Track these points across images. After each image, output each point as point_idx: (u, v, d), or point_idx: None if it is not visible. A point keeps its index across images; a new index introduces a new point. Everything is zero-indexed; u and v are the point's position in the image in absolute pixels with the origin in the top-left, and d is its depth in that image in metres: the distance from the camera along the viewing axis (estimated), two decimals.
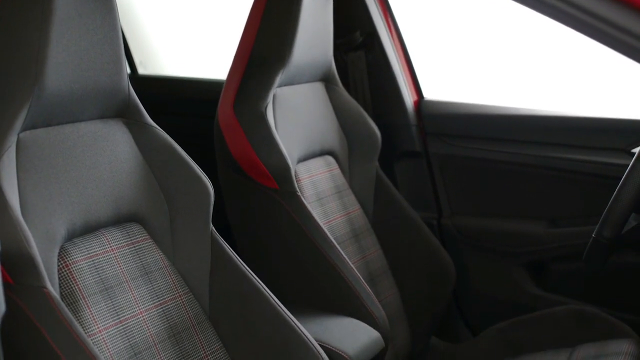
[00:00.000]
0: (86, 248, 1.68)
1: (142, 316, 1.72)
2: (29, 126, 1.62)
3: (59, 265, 1.62)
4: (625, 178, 1.93)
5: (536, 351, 2.45)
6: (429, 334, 2.71)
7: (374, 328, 2.18)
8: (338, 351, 2.00)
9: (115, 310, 1.68)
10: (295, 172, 2.40)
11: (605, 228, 1.93)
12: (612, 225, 1.92)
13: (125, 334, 1.67)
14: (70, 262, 1.63)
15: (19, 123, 1.58)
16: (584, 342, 2.39)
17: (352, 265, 2.27)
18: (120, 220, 1.78)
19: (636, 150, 1.99)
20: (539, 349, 2.45)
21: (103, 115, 1.80)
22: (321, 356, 1.85)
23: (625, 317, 2.47)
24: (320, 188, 2.49)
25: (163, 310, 1.77)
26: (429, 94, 2.95)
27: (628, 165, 1.95)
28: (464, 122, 2.81)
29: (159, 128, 1.88)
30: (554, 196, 2.68)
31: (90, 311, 1.62)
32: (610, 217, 1.92)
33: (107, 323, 1.65)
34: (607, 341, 2.34)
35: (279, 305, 1.87)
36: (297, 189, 2.28)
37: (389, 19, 2.91)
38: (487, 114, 2.79)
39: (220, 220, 2.09)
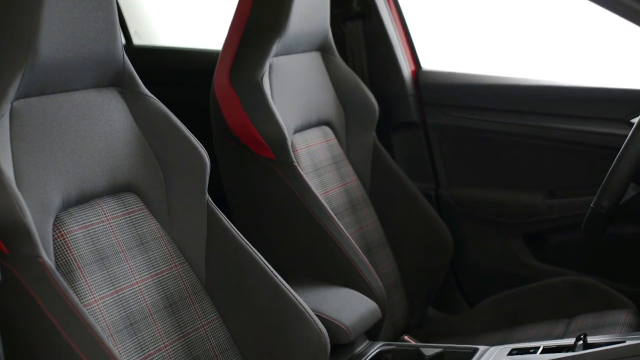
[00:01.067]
0: (81, 218, 1.66)
1: (138, 286, 1.71)
2: (22, 95, 1.60)
3: (54, 235, 1.60)
4: (624, 148, 1.92)
5: (534, 322, 2.45)
6: (426, 305, 2.71)
7: (371, 299, 2.17)
8: (335, 321, 2.00)
9: (111, 280, 1.66)
10: (292, 142, 2.38)
11: (604, 198, 1.92)
12: (611, 195, 1.91)
13: (121, 303, 1.66)
14: (65, 231, 1.62)
15: (12, 91, 1.56)
16: (582, 313, 2.39)
17: (349, 236, 2.26)
18: (115, 190, 1.77)
19: (635, 120, 1.97)
20: (537, 320, 2.45)
21: (98, 85, 1.77)
22: (318, 326, 1.85)
23: (623, 288, 2.47)
24: (317, 159, 2.48)
25: (159, 280, 1.76)
26: (427, 64, 2.92)
27: (627, 135, 1.94)
28: (462, 92, 2.80)
29: (154, 97, 1.86)
30: (553, 167, 2.68)
31: (86, 281, 1.61)
32: (609, 187, 1.91)
33: (103, 293, 1.63)
34: (605, 312, 2.34)
35: (275, 276, 1.87)
36: (294, 159, 2.27)
37: None
38: (485, 84, 2.78)
39: (216, 191, 2.07)
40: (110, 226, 1.72)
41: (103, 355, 1.41)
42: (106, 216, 1.72)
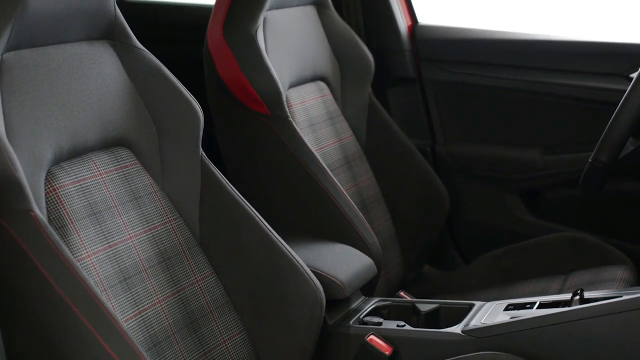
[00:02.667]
0: (74, 172, 1.65)
1: (132, 241, 1.70)
2: (12, 46, 1.57)
3: (46, 190, 1.59)
4: (623, 101, 1.90)
5: (530, 278, 2.45)
6: (422, 262, 2.71)
7: (367, 255, 2.16)
8: (330, 277, 1.99)
9: (104, 235, 1.65)
10: (287, 97, 2.36)
11: (602, 152, 1.90)
12: (609, 150, 1.90)
13: (115, 258, 1.65)
14: (57, 186, 1.60)
15: (2, 43, 1.53)
16: (579, 269, 2.39)
17: (345, 192, 2.25)
18: (108, 144, 1.75)
19: (634, 75, 1.95)
20: (533, 276, 2.45)
21: (89, 37, 1.75)
22: (313, 282, 1.84)
23: (621, 244, 2.47)
24: (312, 114, 2.46)
25: (153, 236, 1.74)
26: (424, 18, 2.89)
27: (626, 90, 1.92)
28: (459, 47, 2.77)
29: (147, 51, 1.84)
30: (550, 122, 2.66)
31: (79, 236, 1.60)
32: (608, 141, 1.90)
33: (96, 248, 1.62)
34: (602, 268, 2.34)
35: (270, 231, 1.85)
36: (289, 115, 2.24)
37: None
38: (482, 39, 2.75)
39: (211, 148, 2.05)
40: (103, 181, 1.70)
41: (96, 309, 1.40)
42: (99, 171, 1.70)
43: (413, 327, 1.92)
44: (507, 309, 1.89)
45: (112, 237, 1.66)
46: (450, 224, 2.84)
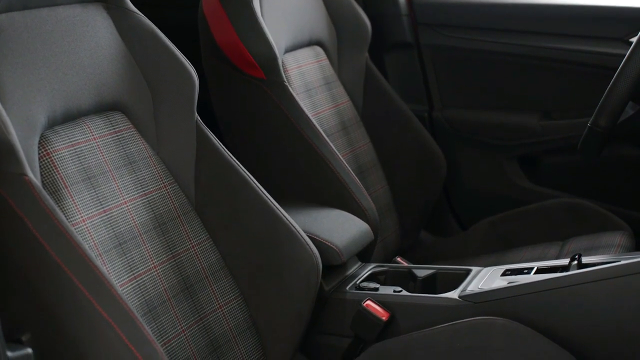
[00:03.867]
0: (67, 136, 1.63)
1: (127, 206, 1.68)
2: (4, 8, 1.55)
3: (39, 154, 1.57)
4: (623, 65, 1.89)
5: (527, 244, 2.44)
6: (419, 228, 2.70)
7: (363, 220, 2.15)
8: (327, 243, 1.98)
9: (99, 199, 1.64)
10: (283, 62, 2.34)
11: (602, 117, 1.89)
12: (609, 114, 1.89)
13: (110, 223, 1.63)
14: (51, 150, 1.58)
15: None
16: (576, 235, 2.38)
17: (341, 158, 2.23)
18: (102, 108, 1.73)
19: (634, 39, 1.93)
20: (530, 243, 2.44)
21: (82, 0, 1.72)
22: (309, 247, 1.83)
23: (618, 210, 2.46)
24: (309, 79, 2.43)
25: (148, 201, 1.73)
26: None
27: (625, 54, 1.90)
28: (456, 11, 2.75)
29: (142, 14, 1.82)
30: (549, 88, 2.65)
31: (73, 200, 1.58)
32: (607, 106, 1.89)
33: (91, 212, 1.61)
34: (600, 234, 2.33)
35: (266, 197, 1.84)
36: (285, 79, 2.22)
37: None
38: (480, 3, 2.73)
39: (206, 113, 2.04)
40: (97, 145, 1.68)
41: (91, 274, 1.39)
42: (93, 135, 1.68)
43: (410, 292, 1.92)
44: (504, 274, 1.89)
45: (106, 202, 1.65)
46: (447, 190, 2.83)
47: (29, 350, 1.26)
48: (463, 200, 2.85)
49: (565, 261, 1.86)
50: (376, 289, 1.94)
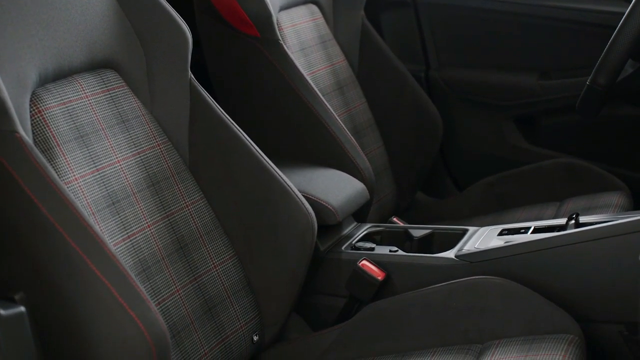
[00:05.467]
0: (59, 94, 1.61)
1: (120, 165, 1.66)
2: None
3: (31, 112, 1.55)
4: (622, 23, 1.87)
5: (524, 205, 2.44)
6: (415, 189, 2.69)
7: (359, 180, 2.14)
8: (322, 202, 1.97)
9: (92, 158, 1.62)
10: (277, 20, 2.31)
11: (601, 75, 1.88)
12: (608, 72, 1.87)
13: (102, 182, 1.61)
14: (42, 108, 1.56)
15: None
16: (574, 196, 2.37)
17: (337, 118, 2.21)
18: (94, 66, 1.70)
19: None
20: (527, 203, 2.44)
21: None
22: (305, 207, 1.82)
23: (616, 170, 2.45)
24: (304, 37, 2.41)
25: (141, 159, 1.71)
26: None
27: (625, 12, 1.88)
28: None
29: None
30: (547, 47, 2.62)
31: (66, 158, 1.56)
32: (606, 63, 1.87)
33: (84, 171, 1.59)
34: (598, 194, 2.32)
35: (261, 156, 1.83)
36: (279, 38, 2.19)
37: None
38: None
39: (200, 74, 2.01)
40: (90, 103, 1.66)
41: (84, 232, 1.37)
42: (85, 93, 1.66)
43: (406, 252, 1.91)
44: (501, 234, 1.88)
45: (99, 161, 1.63)
46: (443, 150, 2.82)
47: (22, 308, 1.26)
48: (460, 161, 2.84)
49: (562, 221, 1.85)
50: (372, 249, 1.93)
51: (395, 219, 2.22)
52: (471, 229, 1.95)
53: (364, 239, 2.02)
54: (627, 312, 1.59)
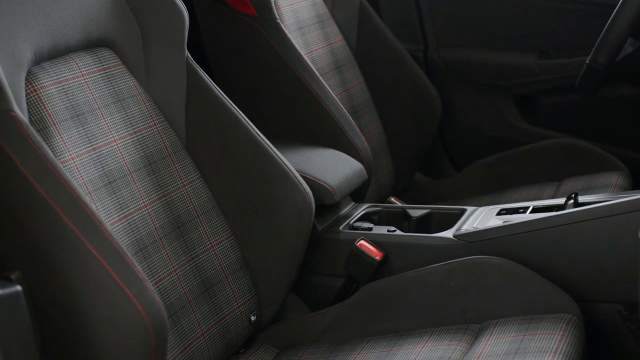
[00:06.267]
0: (55, 73, 1.59)
1: (116, 144, 1.65)
2: None
3: (26, 90, 1.54)
4: (622, 1, 1.85)
5: (523, 185, 2.43)
6: (413, 170, 2.68)
7: (357, 160, 2.13)
8: (320, 182, 1.96)
9: (88, 137, 1.60)
10: None
11: (600, 53, 1.86)
12: (608, 51, 1.86)
13: (99, 161, 1.60)
14: (38, 87, 1.55)
15: None
16: (573, 176, 2.37)
17: (335, 97, 2.20)
18: (90, 44, 1.69)
19: None
20: (526, 183, 2.43)
21: None
22: (302, 187, 1.81)
23: (616, 151, 2.44)
24: (301, 17, 2.39)
25: (137, 139, 1.70)
26: None
27: None
28: None
29: None
30: (546, 26, 2.61)
31: (62, 138, 1.55)
32: (606, 42, 1.86)
33: (80, 150, 1.58)
34: (596, 174, 2.32)
35: (258, 135, 1.82)
36: (277, 16, 2.18)
37: None
38: None
39: (198, 54, 2.00)
40: (86, 82, 1.65)
41: (81, 211, 1.36)
42: (81, 71, 1.64)
43: (404, 232, 1.90)
44: (499, 213, 1.88)
45: (95, 140, 1.62)
46: (441, 131, 2.81)
47: (18, 287, 1.25)
48: (458, 141, 2.83)
49: (561, 200, 1.84)
50: (370, 229, 1.93)
51: (393, 199, 2.21)
52: (469, 208, 1.95)
53: (362, 218, 2.01)
54: (625, 291, 1.58)
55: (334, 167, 2.05)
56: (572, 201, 1.79)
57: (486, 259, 1.67)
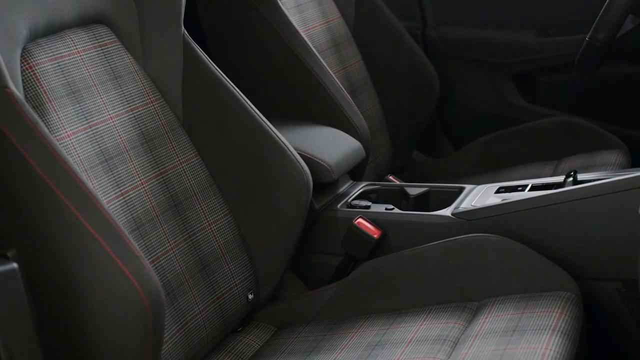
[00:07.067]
0: (50, 49, 1.58)
1: (113, 121, 1.64)
2: None
3: (22, 67, 1.52)
4: None
5: (522, 164, 2.42)
6: (411, 148, 2.67)
7: (355, 138, 2.12)
8: (317, 160, 1.95)
9: (84, 114, 1.59)
10: None
11: (600, 30, 1.85)
12: (608, 27, 1.85)
13: (95, 139, 1.59)
14: (34, 63, 1.54)
15: None
16: (572, 154, 2.36)
17: (333, 75, 2.19)
18: (85, 21, 1.68)
19: None
20: (525, 162, 2.42)
21: None
22: (300, 165, 1.80)
23: (615, 129, 2.43)
24: None
25: (134, 116, 1.69)
26: None
27: None
28: None
29: None
30: (546, 3, 2.59)
31: (57, 115, 1.54)
32: (606, 19, 1.85)
33: (76, 128, 1.57)
34: (595, 152, 2.31)
35: (256, 113, 1.80)
36: None
37: None
38: None
39: (194, 31, 1.99)
40: (82, 59, 1.63)
41: (76, 188, 1.35)
42: (76, 48, 1.63)
43: (402, 210, 1.89)
44: (498, 191, 1.87)
45: (92, 117, 1.61)
46: (440, 109, 2.80)
47: (14, 265, 1.24)
48: (456, 120, 2.82)
49: (560, 178, 1.83)
50: (368, 207, 1.92)
51: (391, 178, 2.20)
52: (468, 186, 1.94)
53: (360, 197, 2.00)
54: (624, 269, 1.58)
55: (332, 145, 2.04)
56: (571, 179, 1.78)
57: (484, 237, 1.66)
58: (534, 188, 1.83)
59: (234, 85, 1.81)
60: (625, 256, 1.55)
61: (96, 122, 1.61)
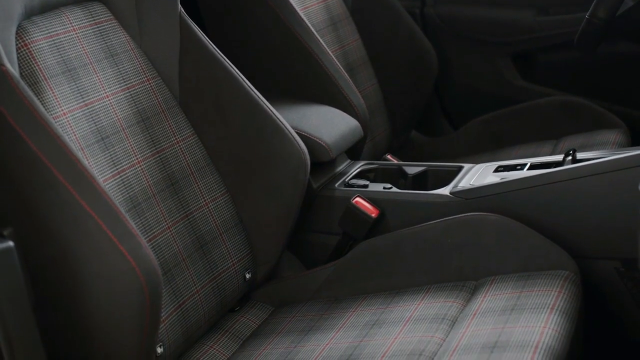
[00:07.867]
0: (46, 27, 1.57)
1: (109, 100, 1.63)
2: None
3: (17, 45, 1.51)
4: None
5: (520, 143, 2.41)
6: (409, 128, 2.66)
7: (353, 117, 2.11)
8: (315, 139, 1.94)
9: (80, 92, 1.58)
10: None
11: (600, 8, 1.84)
12: (608, 5, 1.84)
13: (91, 117, 1.58)
14: (29, 41, 1.52)
15: None
16: (571, 134, 2.35)
17: (330, 54, 2.17)
18: None
19: None
20: (524, 141, 2.41)
21: None
22: (297, 143, 1.79)
23: (614, 108, 2.42)
24: None
25: (130, 95, 1.68)
26: None
27: None
28: None
29: None
30: None
31: (53, 93, 1.53)
32: None
33: (72, 106, 1.55)
34: (595, 132, 2.30)
35: (253, 92, 1.79)
36: None
37: None
38: None
39: (191, 8, 1.97)
40: (77, 36, 1.62)
41: (72, 166, 1.34)
42: (72, 26, 1.62)
43: (400, 189, 1.89)
44: (496, 170, 1.86)
45: (88, 95, 1.59)
46: (438, 88, 2.78)
47: (10, 243, 1.23)
48: (455, 99, 2.80)
49: (559, 157, 1.83)
50: (366, 186, 1.91)
51: (389, 157, 2.19)
52: (466, 166, 1.93)
53: (358, 176, 2.00)
54: (623, 248, 1.58)
55: (330, 123, 2.03)
56: (570, 158, 1.77)
57: (483, 216, 1.66)
58: (533, 167, 1.83)
59: (231, 64, 1.80)
60: (625, 235, 1.55)
61: (92, 100, 1.60)
